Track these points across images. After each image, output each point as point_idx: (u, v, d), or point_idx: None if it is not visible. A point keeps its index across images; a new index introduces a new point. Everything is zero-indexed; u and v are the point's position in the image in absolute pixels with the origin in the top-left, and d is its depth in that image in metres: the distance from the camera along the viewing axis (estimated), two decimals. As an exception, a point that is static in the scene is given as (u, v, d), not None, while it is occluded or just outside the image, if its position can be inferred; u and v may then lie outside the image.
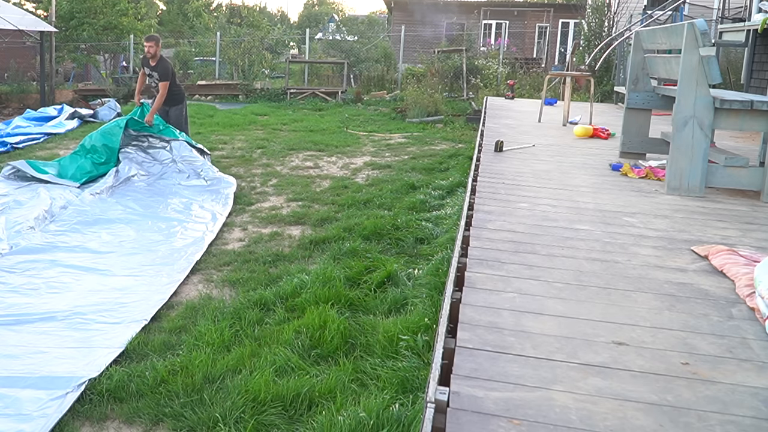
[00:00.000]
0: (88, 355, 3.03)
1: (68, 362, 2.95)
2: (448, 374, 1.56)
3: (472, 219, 3.01)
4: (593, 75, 9.41)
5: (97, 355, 3.01)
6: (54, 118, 10.57)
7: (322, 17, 39.93)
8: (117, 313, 3.53)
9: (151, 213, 5.43)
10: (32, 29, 14.81)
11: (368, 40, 20.04)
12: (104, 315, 3.50)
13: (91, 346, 3.13)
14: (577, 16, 18.72)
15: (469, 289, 2.11)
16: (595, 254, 2.58)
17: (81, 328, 3.34)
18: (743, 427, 1.41)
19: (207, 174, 6.46)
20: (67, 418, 2.55)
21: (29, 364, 2.93)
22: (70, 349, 3.09)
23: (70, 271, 4.11)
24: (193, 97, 15.89)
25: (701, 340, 1.83)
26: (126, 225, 5.08)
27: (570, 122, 7.28)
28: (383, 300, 3.60)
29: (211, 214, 5.44)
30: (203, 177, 6.41)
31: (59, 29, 17.33)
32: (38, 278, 3.97)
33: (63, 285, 3.90)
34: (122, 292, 3.83)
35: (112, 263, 4.29)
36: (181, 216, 5.38)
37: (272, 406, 2.56)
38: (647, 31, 4.82)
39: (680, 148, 3.76)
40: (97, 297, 3.73)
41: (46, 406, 2.59)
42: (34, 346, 3.12)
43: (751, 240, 2.90)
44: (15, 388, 2.72)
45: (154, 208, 5.55)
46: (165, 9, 33.70)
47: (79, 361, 2.96)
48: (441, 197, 6.02)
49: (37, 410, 2.57)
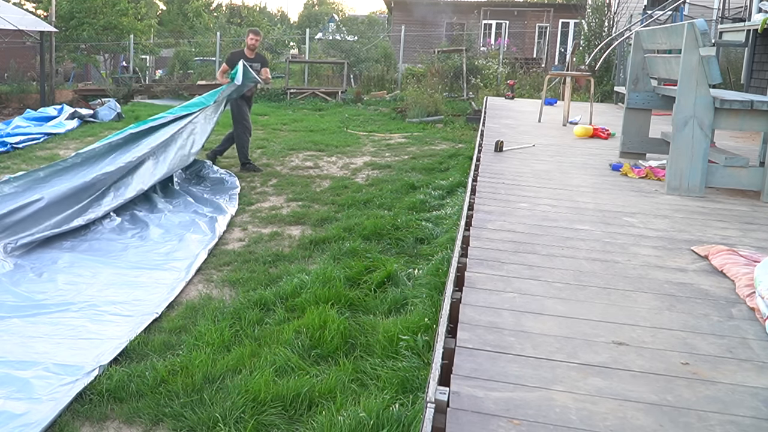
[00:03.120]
0: (100, 345, 3.12)
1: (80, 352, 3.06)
2: (448, 374, 1.56)
3: (472, 219, 3.01)
4: (593, 75, 9.41)
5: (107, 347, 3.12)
6: (54, 118, 10.56)
7: (322, 17, 39.92)
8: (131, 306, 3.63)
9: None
10: (32, 29, 14.81)
11: (368, 40, 20.04)
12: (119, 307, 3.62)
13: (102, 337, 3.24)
14: (577, 16, 18.73)
15: (469, 289, 2.11)
16: (595, 254, 2.58)
17: (96, 319, 3.45)
18: (743, 427, 1.41)
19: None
20: (67, 418, 2.55)
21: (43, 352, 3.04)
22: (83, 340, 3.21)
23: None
24: (193, 97, 15.87)
25: (701, 340, 1.83)
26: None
27: (570, 122, 7.28)
28: (383, 300, 3.59)
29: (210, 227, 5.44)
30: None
31: (59, 29, 17.33)
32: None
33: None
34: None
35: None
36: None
37: (272, 406, 2.56)
38: (647, 31, 4.82)
39: (680, 148, 3.76)
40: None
41: (55, 391, 2.67)
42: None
43: (751, 240, 2.90)
44: (28, 370, 2.84)
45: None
46: (165, 9, 33.70)
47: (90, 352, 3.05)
48: (441, 197, 6.02)
49: (47, 394, 2.65)
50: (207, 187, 6.38)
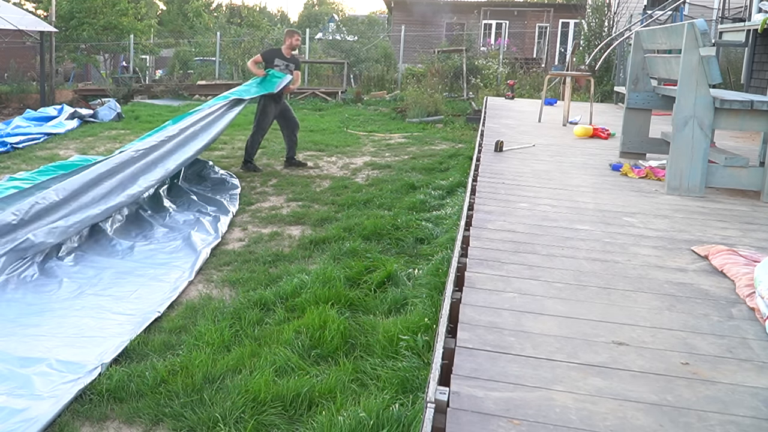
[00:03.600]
0: (102, 343, 3.14)
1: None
2: (448, 374, 1.56)
3: (472, 219, 3.01)
4: (593, 75, 9.41)
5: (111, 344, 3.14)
6: (54, 118, 10.56)
7: (322, 17, 39.89)
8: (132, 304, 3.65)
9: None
10: (32, 29, 14.81)
11: (368, 40, 20.05)
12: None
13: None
14: (577, 16, 18.72)
15: (469, 289, 2.11)
16: (595, 254, 2.58)
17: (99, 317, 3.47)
18: (743, 427, 1.41)
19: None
20: (67, 418, 2.55)
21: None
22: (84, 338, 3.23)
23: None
24: (193, 97, 15.89)
25: (701, 340, 1.83)
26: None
27: (570, 122, 7.28)
28: (383, 300, 3.59)
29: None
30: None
31: (59, 29, 17.33)
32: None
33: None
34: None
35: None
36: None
37: (272, 406, 2.56)
38: (647, 31, 4.82)
39: (680, 148, 3.76)
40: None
41: (57, 389, 2.68)
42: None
43: (751, 240, 2.90)
44: (30, 367, 2.86)
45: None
46: (165, 9, 33.70)
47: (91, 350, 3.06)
48: (441, 197, 6.01)
49: (48, 391, 2.67)
50: (208, 187, 6.39)
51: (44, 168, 6.11)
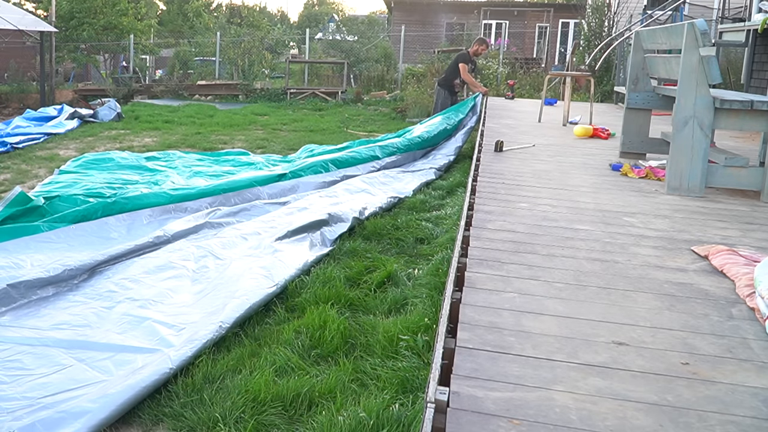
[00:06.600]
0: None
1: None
2: (448, 374, 1.56)
3: (472, 219, 3.01)
4: (593, 75, 9.42)
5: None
6: (54, 118, 10.56)
7: (322, 17, 39.92)
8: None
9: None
10: (32, 29, 14.81)
11: (368, 40, 20.03)
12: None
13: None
14: (577, 16, 18.71)
15: (469, 289, 2.11)
16: (595, 254, 2.58)
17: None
18: (743, 427, 1.41)
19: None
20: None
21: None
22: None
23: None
24: (193, 97, 15.90)
25: (701, 340, 1.83)
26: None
27: (570, 122, 7.28)
28: (383, 300, 3.59)
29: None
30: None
31: (59, 29, 17.33)
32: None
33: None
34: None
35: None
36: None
37: (272, 406, 2.56)
38: (647, 31, 4.82)
39: (680, 148, 3.76)
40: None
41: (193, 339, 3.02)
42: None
43: (751, 240, 2.90)
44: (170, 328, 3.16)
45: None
46: (165, 9, 33.71)
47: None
48: (441, 197, 6.01)
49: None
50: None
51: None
